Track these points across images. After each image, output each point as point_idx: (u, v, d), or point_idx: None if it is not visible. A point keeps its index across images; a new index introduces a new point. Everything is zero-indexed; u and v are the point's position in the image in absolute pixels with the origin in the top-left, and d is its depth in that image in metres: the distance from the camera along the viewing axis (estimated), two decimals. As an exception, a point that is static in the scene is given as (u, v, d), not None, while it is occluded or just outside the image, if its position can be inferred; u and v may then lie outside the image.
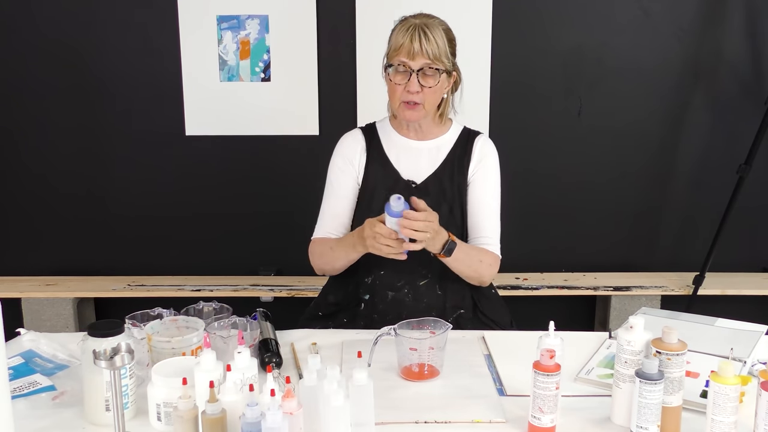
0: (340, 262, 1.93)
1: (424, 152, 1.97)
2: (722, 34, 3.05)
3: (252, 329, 1.65)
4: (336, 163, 2.00)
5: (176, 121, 3.13)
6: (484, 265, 1.91)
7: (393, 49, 1.85)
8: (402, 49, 1.82)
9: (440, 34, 1.83)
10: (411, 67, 1.82)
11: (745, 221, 3.13)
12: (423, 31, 1.81)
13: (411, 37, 1.80)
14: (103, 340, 1.35)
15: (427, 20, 1.85)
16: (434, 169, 1.95)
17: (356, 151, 1.99)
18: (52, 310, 3.05)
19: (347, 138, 2.03)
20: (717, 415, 1.27)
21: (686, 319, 1.81)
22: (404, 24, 1.85)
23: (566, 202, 3.20)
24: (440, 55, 1.83)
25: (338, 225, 1.98)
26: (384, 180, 1.95)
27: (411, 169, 1.96)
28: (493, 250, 1.95)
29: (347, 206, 1.98)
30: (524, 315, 2.21)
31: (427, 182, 1.94)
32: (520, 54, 3.08)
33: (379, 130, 2.02)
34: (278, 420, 1.18)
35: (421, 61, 1.82)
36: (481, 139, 2.00)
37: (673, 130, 3.14)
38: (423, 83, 1.84)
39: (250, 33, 3.06)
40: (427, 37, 1.81)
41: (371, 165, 1.97)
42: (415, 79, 1.83)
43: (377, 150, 1.98)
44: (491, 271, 1.94)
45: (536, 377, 1.32)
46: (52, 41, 3.08)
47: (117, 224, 3.23)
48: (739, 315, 1.87)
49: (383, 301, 1.93)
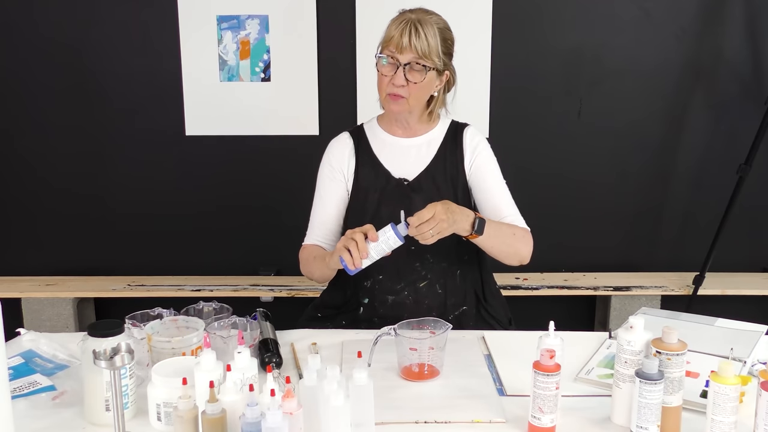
0: (318, 273, 1.94)
1: (414, 149, 1.96)
2: (722, 34, 3.05)
3: (252, 329, 1.65)
4: (323, 171, 2.00)
5: (176, 121, 3.13)
6: (518, 238, 1.88)
7: (385, 40, 1.85)
8: (392, 41, 1.81)
9: (433, 32, 1.82)
10: (399, 60, 1.82)
11: (745, 221, 3.13)
12: (415, 26, 1.80)
13: (402, 31, 1.80)
14: (103, 340, 1.35)
15: (424, 16, 1.83)
16: (425, 165, 1.95)
17: (344, 157, 1.98)
18: (52, 310, 3.05)
19: (334, 144, 2.02)
20: (717, 415, 1.27)
21: (686, 319, 1.81)
22: (400, 17, 1.84)
23: (566, 202, 3.20)
24: (429, 52, 1.81)
25: (326, 232, 1.98)
26: (376, 181, 1.94)
27: (402, 167, 1.95)
28: (518, 223, 1.93)
29: (334, 214, 1.98)
30: (524, 315, 2.21)
31: (420, 179, 1.93)
32: (520, 54, 3.08)
33: (367, 131, 2.01)
34: (278, 420, 1.18)
35: (409, 56, 1.81)
36: (470, 130, 1.99)
37: (673, 130, 3.14)
38: (409, 78, 1.83)
39: (250, 33, 3.06)
40: (418, 33, 1.79)
41: (361, 168, 1.96)
42: (401, 73, 1.82)
43: (366, 152, 1.97)
44: (526, 244, 1.90)
45: (536, 377, 1.32)
46: (53, 41, 3.08)
47: (117, 224, 3.23)
48: (739, 315, 1.86)
49: (383, 305, 1.92)
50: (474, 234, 1.76)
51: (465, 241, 1.84)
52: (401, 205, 1.77)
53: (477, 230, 1.76)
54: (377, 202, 1.91)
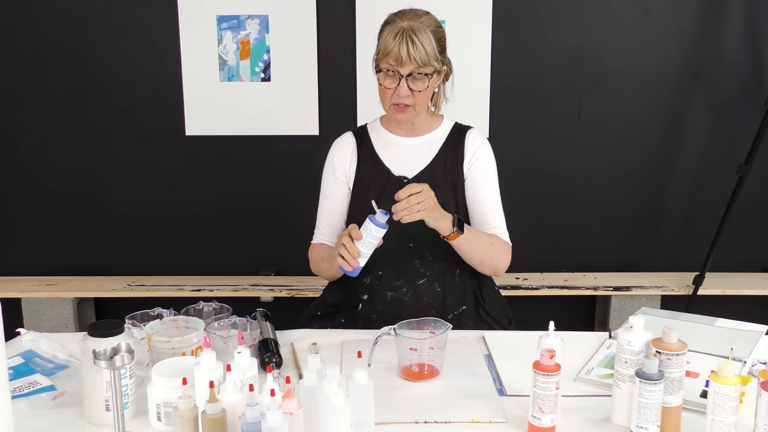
0: (327, 273, 1.99)
1: (416, 148, 1.97)
2: (722, 34, 3.05)
3: (252, 329, 1.65)
4: (327, 171, 2.03)
5: (176, 121, 3.13)
6: (496, 249, 1.91)
7: (382, 54, 1.83)
8: (390, 54, 1.80)
9: (428, 38, 1.80)
10: (400, 72, 1.81)
11: (745, 221, 3.13)
12: (410, 37, 1.78)
13: (399, 44, 1.78)
14: (103, 340, 1.35)
15: (415, 23, 1.80)
16: (426, 163, 1.95)
17: (346, 156, 2.00)
18: (52, 310, 3.05)
19: (337, 144, 2.04)
20: (717, 415, 1.27)
21: (686, 319, 1.81)
22: (392, 28, 1.82)
23: (566, 201, 3.20)
24: (429, 59, 1.80)
25: (332, 231, 2.02)
26: (376, 178, 1.96)
27: (402, 165, 1.96)
28: (501, 236, 1.95)
29: (338, 213, 2.01)
30: (524, 315, 2.21)
31: (419, 177, 1.93)
32: (520, 54, 3.08)
33: (370, 131, 2.03)
34: (278, 420, 1.18)
35: (410, 67, 1.80)
36: (473, 133, 2.00)
37: (673, 130, 3.14)
38: (412, 87, 1.83)
39: (250, 33, 3.06)
40: (415, 44, 1.78)
41: (362, 166, 1.98)
42: (404, 84, 1.82)
43: (368, 150, 1.99)
44: (504, 256, 1.93)
45: (536, 377, 1.32)
46: (53, 41, 3.08)
47: (117, 224, 3.23)
48: (739, 315, 1.86)
49: (382, 302, 1.93)
50: (455, 232, 1.79)
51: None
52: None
53: (458, 228, 1.79)
54: (376, 199, 1.91)
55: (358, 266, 1.73)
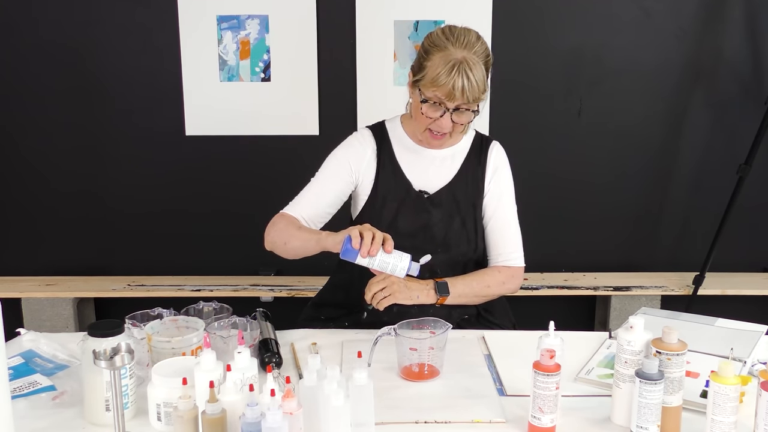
0: (294, 243, 1.80)
1: (438, 161, 1.91)
2: (722, 34, 3.05)
3: (252, 329, 1.65)
4: (336, 163, 1.92)
5: (176, 121, 3.13)
6: (495, 287, 1.90)
7: (430, 83, 1.70)
8: (441, 88, 1.69)
9: (481, 72, 1.70)
10: (447, 106, 1.72)
11: (745, 221, 3.13)
12: (465, 73, 1.67)
13: (453, 80, 1.67)
14: (103, 340, 1.35)
15: (469, 54, 1.69)
16: (448, 180, 1.90)
17: (364, 159, 1.90)
18: (52, 310, 3.05)
19: (356, 143, 1.92)
20: (717, 415, 1.27)
21: (686, 319, 1.81)
22: (444, 57, 1.69)
23: (566, 201, 3.20)
24: (479, 95, 1.71)
25: (312, 213, 1.88)
26: (395, 190, 1.89)
27: (423, 179, 1.90)
28: (516, 263, 1.93)
29: (327, 202, 1.90)
30: (524, 315, 2.21)
31: (440, 193, 1.89)
32: (520, 54, 3.08)
33: (390, 132, 1.93)
34: (278, 420, 1.18)
35: (459, 102, 1.71)
36: (495, 147, 1.95)
37: (673, 130, 3.14)
38: (456, 120, 1.75)
39: (250, 33, 3.06)
40: (470, 81, 1.68)
41: (382, 171, 1.89)
42: (448, 117, 1.73)
43: (388, 156, 1.91)
44: (508, 286, 1.93)
45: (536, 377, 1.32)
46: (53, 41, 3.08)
47: (117, 224, 3.23)
48: (739, 315, 1.86)
49: (388, 312, 1.85)
50: (441, 297, 1.81)
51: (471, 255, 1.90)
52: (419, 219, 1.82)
53: (440, 293, 1.81)
54: (395, 211, 1.88)
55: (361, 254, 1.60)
